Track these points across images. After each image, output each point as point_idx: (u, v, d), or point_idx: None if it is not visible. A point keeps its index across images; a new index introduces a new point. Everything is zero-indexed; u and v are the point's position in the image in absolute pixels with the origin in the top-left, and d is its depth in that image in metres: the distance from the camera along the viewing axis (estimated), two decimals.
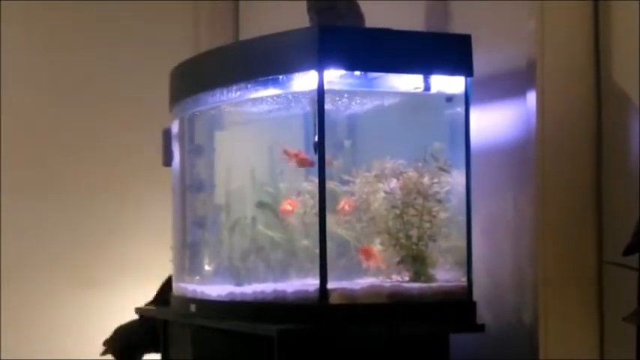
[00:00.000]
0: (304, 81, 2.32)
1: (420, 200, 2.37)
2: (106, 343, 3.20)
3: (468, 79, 2.37)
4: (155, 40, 3.91)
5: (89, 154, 3.89)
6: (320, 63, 2.24)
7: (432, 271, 2.37)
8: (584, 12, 2.44)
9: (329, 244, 2.26)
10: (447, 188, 2.38)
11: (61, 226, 3.83)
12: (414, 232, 2.37)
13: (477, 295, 2.35)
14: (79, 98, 3.88)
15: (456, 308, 2.33)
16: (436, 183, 2.37)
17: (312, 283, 2.27)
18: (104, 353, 3.21)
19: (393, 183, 2.37)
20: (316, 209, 2.27)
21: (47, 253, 3.81)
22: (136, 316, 3.18)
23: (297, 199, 2.45)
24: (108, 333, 3.42)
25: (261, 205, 2.53)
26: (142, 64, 3.89)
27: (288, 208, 2.46)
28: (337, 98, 2.44)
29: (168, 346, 2.94)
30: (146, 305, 3.17)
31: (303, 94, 2.39)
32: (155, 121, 3.10)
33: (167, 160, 2.98)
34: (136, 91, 3.90)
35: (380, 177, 2.39)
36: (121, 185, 3.90)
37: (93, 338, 3.38)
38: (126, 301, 3.27)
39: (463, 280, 2.36)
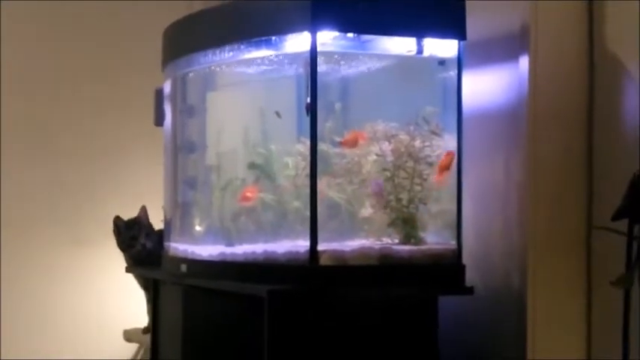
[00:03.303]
0: (297, 42, 2.32)
1: (411, 163, 2.37)
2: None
3: (461, 42, 2.36)
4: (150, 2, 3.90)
5: (84, 113, 3.90)
6: (313, 24, 2.24)
7: (421, 234, 2.38)
8: None
9: (319, 206, 2.26)
10: (439, 152, 2.39)
11: (57, 187, 3.86)
12: (404, 195, 2.37)
13: (466, 258, 2.37)
14: (76, 61, 3.90)
15: (445, 271, 2.35)
16: (427, 146, 2.38)
17: (302, 244, 2.28)
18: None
19: (385, 146, 2.38)
20: (307, 171, 2.27)
21: (43, 213, 3.84)
22: (127, 276, 3.18)
23: (257, 186, 2.46)
24: (101, 291, 3.45)
25: (252, 166, 2.54)
26: (135, 25, 3.89)
27: (248, 195, 2.48)
28: (330, 60, 2.43)
29: (158, 305, 2.95)
30: None
31: (296, 55, 2.38)
32: (148, 80, 3.09)
33: (159, 120, 2.98)
34: (130, 52, 3.90)
35: (371, 139, 2.39)
36: (114, 144, 3.92)
37: (87, 296, 3.41)
38: (117, 260, 3.27)
39: (453, 244, 2.37)
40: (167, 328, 2.87)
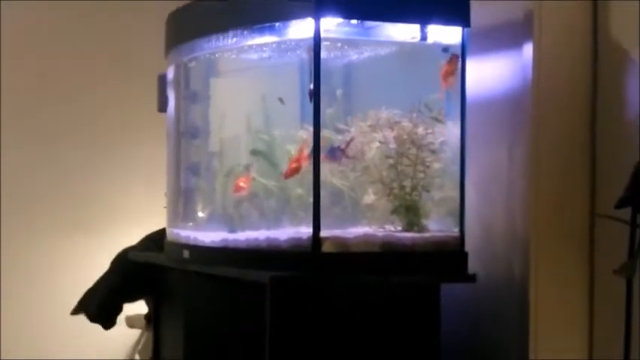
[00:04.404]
0: (301, 29, 2.31)
1: (413, 150, 2.37)
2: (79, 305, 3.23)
3: (465, 29, 2.36)
4: None
5: (86, 101, 3.91)
6: (317, 11, 2.23)
7: (424, 222, 2.38)
8: None
9: (322, 192, 2.26)
10: (441, 139, 2.38)
11: (57, 172, 3.87)
12: (407, 183, 2.37)
13: (468, 245, 2.37)
14: (77, 47, 3.90)
15: (447, 258, 2.35)
16: (430, 133, 2.37)
17: (305, 231, 2.28)
18: (75, 312, 3.24)
19: (388, 133, 2.37)
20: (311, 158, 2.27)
21: (43, 198, 3.84)
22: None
23: (250, 175, 2.46)
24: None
25: (255, 152, 2.54)
26: (137, 11, 3.89)
27: (241, 185, 2.48)
28: (333, 47, 2.43)
29: (160, 291, 2.96)
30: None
31: (300, 42, 2.38)
32: (151, 67, 3.09)
33: (162, 106, 2.97)
34: (132, 37, 3.90)
35: (375, 127, 2.38)
36: (116, 130, 3.92)
37: (88, 282, 3.42)
38: (116, 247, 3.29)
39: (455, 231, 2.37)
40: (169, 314, 2.88)
